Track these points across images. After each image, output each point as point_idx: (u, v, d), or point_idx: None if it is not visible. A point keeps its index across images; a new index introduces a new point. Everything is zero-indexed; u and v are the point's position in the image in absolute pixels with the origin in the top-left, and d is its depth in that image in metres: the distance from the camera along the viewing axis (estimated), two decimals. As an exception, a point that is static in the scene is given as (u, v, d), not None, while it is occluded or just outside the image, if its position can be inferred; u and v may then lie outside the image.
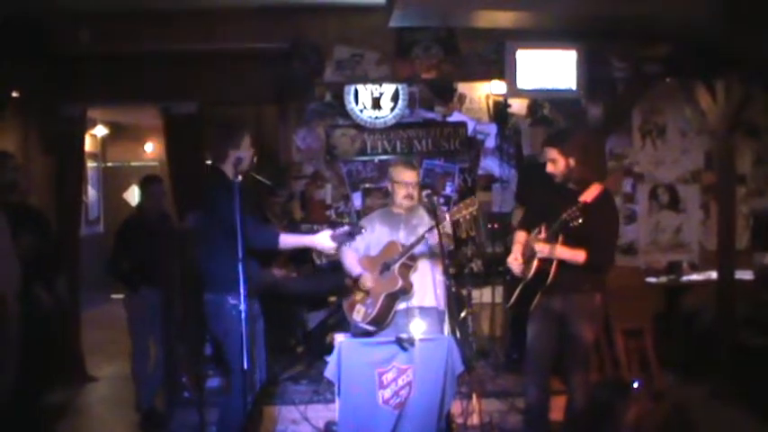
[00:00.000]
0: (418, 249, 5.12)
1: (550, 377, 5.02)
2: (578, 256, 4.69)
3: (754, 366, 6.31)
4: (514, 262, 4.96)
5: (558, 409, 5.17)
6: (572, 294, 4.78)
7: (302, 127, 7.94)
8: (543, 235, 4.75)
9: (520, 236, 5.09)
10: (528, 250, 4.92)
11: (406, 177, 5.23)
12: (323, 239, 4.62)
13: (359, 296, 5.22)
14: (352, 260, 5.29)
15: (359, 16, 6.72)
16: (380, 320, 5.09)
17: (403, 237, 5.20)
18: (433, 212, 5.01)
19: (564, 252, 4.69)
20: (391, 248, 5.17)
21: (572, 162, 4.80)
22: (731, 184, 6.97)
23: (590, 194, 4.78)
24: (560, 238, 4.68)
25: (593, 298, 4.84)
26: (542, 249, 4.71)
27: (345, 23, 6.79)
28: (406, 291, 5.10)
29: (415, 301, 5.19)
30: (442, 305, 5.22)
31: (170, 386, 6.24)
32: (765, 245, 8.09)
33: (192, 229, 6.12)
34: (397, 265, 5.07)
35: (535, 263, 4.78)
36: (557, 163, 4.83)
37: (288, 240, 4.71)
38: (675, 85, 7.68)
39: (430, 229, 4.94)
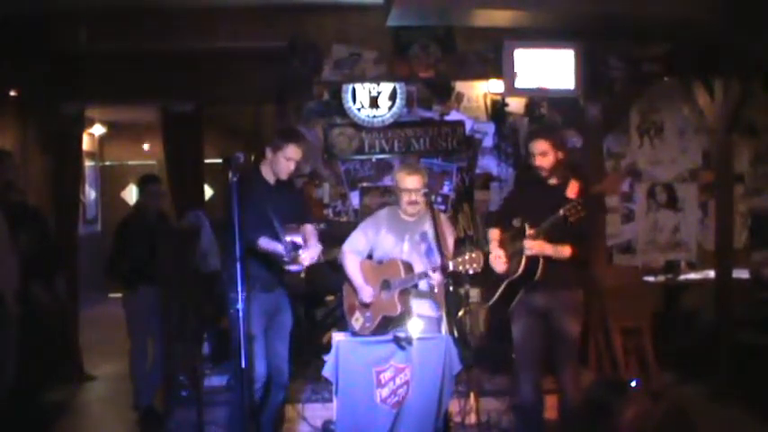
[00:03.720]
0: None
1: (542, 374, 5.03)
2: (564, 251, 4.71)
3: (753, 365, 6.32)
4: (497, 260, 4.90)
5: (551, 408, 5.18)
6: (558, 290, 4.79)
7: (300, 126, 7.93)
8: (531, 231, 4.71)
9: (494, 233, 5.06)
10: (510, 248, 4.90)
11: (408, 184, 5.05)
12: (276, 245, 4.71)
13: (359, 302, 5.18)
14: (354, 267, 5.17)
15: (357, 15, 6.71)
16: (377, 334, 5.04)
17: (406, 250, 5.08)
18: (438, 244, 4.80)
19: (552, 248, 4.70)
20: (392, 267, 5.01)
21: (560, 155, 4.83)
22: (729, 183, 6.97)
23: (572, 190, 4.81)
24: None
25: (578, 293, 4.88)
26: (532, 247, 4.69)
27: (343, 22, 6.79)
28: (404, 316, 4.98)
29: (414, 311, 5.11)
30: (440, 312, 5.13)
31: (168, 385, 6.24)
32: (763, 244, 8.11)
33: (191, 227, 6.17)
34: (396, 291, 4.96)
35: (524, 260, 4.75)
36: (547, 155, 4.81)
37: (261, 244, 4.71)
38: (673, 83, 7.68)
39: (425, 274, 4.87)
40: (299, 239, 4.80)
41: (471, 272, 4.66)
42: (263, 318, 4.82)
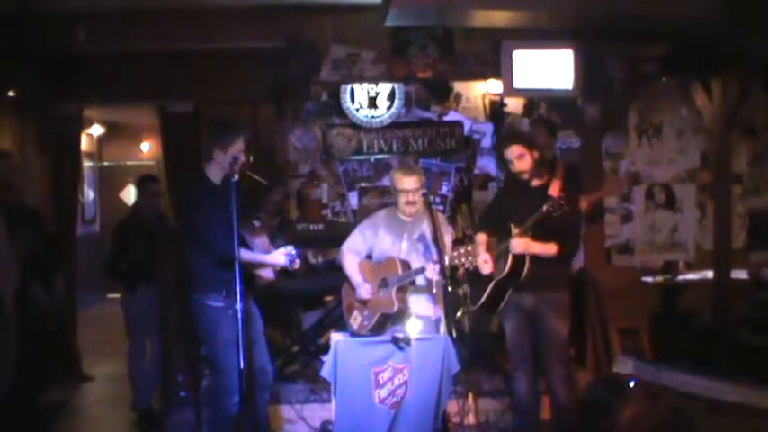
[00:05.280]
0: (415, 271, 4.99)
1: (537, 372, 5.05)
2: (551, 249, 4.77)
3: (751, 366, 6.32)
4: (484, 264, 4.92)
5: (546, 409, 5.19)
6: (545, 291, 4.85)
7: (298, 126, 7.94)
8: (516, 230, 4.77)
9: (481, 238, 5.10)
10: (496, 250, 4.95)
11: (405, 185, 5.04)
12: (277, 257, 4.74)
13: (357, 300, 5.19)
14: (352, 266, 5.18)
15: (355, 15, 6.72)
16: (375, 333, 5.05)
17: (404, 249, 5.09)
18: (436, 243, 4.75)
19: (538, 246, 4.76)
20: (390, 265, 5.02)
21: (535, 155, 4.92)
22: (727, 184, 6.98)
23: (555, 189, 4.89)
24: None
25: (564, 294, 4.94)
26: (517, 245, 4.75)
27: (342, 23, 6.79)
28: (402, 313, 5.00)
29: (411, 309, 5.12)
30: (438, 313, 5.11)
31: (166, 385, 6.24)
32: (761, 244, 8.11)
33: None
34: (394, 288, 4.96)
35: (510, 259, 4.79)
36: (524, 159, 4.90)
37: (245, 256, 4.60)
38: (672, 84, 7.68)
39: (422, 270, 4.83)
40: (291, 249, 4.77)
41: (467, 265, 4.68)
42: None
